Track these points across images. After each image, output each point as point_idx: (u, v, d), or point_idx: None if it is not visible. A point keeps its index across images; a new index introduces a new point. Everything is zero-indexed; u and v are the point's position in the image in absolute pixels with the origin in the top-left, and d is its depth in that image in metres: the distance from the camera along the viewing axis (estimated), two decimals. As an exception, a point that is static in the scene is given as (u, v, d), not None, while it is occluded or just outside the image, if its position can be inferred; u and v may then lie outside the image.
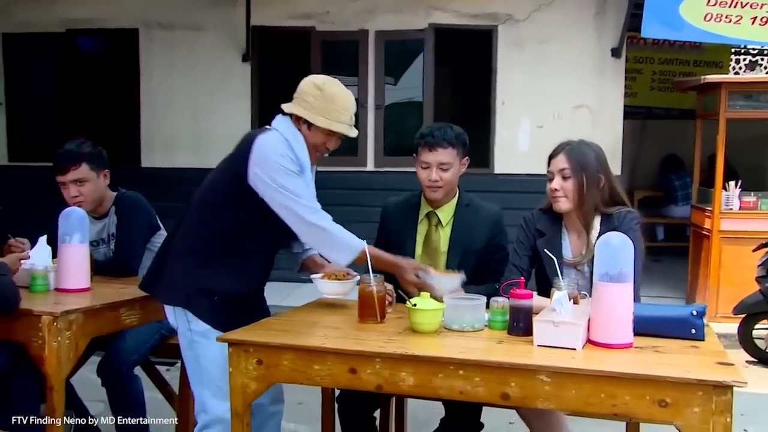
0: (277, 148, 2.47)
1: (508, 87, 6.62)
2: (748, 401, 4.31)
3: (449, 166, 2.78)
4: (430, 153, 2.78)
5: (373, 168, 6.85)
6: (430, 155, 2.78)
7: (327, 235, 2.47)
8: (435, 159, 2.77)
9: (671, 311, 2.34)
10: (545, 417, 2.54)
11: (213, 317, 2.46)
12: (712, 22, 5.57)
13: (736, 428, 3.93)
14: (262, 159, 2.45)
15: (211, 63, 7.08)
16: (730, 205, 5.73)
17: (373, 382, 2.12)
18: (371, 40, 6.80)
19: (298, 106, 2.53)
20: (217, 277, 2.48)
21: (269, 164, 2.43)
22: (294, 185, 2.45)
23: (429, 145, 2.78)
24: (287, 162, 2.45)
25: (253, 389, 2.22)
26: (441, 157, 2.77)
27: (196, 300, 2.47)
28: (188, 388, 3.17)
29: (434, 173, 2.78)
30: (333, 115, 2.51)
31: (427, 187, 2.83)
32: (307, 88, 2.55)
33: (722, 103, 5.65)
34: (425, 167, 2.81)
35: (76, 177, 3.15)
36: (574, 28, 6.51)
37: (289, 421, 3.89)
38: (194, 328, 2.50)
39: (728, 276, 5.63)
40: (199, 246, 2.53)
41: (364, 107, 6.81)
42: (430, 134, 2.79)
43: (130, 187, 3.47)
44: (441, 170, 2.78)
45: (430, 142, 2.77)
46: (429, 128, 2.84)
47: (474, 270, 2.80)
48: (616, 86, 6.47)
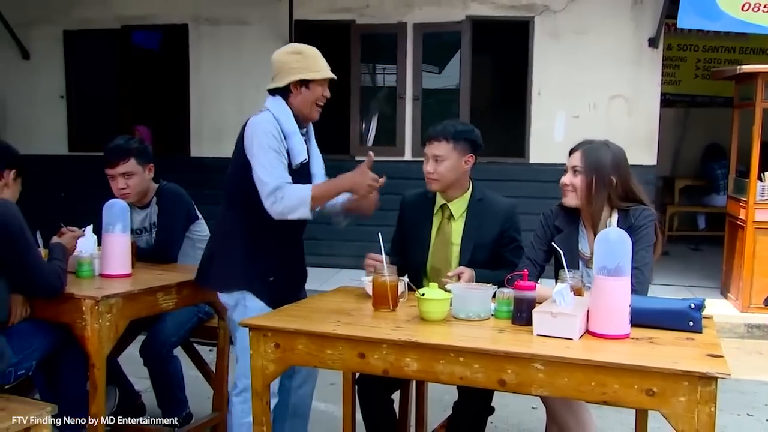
0: (265, 126, 2.73)
1: (544, 77, 6.65)
2: (774, 393, 4.35)
3: (443, 158, 2.91)
4: (428, 146, 2.96)
5: (410, 158, 6.98)
6: (428, 148, 2.97)
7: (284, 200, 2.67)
8: (430, 152, 2.94)
9: (670, 304, 2.40)
10: (567, 401, 2.62)
11: (270, 296, 2.81)
12: (750, 11, 5.49)
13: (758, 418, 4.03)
14: (249, 136, 2.76)
15: (256, 56, 7.29)
16: (766, 195, 5.66)
17: (380, 367, 2.27)
18: (409, 33, 6.90)
19: (289, 76, 2.80)
20: (269, 260, 2.83)
21: (255, 138, 2.72)
22: (267, 159, 2.69)
23: (428, 139, 2.98)
24: (269, 139, 2.71)
25: (271, 371, 2.41)
26: (435, 150, 2.92)
27: (255, 282, 2.81)
28: (224, 366, 3.43)
29: (429, 165, 2.94)
30: (320, 65, 2.85)
31: (426, 179, 2.99)
32: (285, 59, 2.84)
33: (759, 92, 5.57)
34: (426, 160, 2.98)
35: (125, 170, 3.38)
36: (611, 18, 6.48)
37: (320, 401, 4.12)
38: (249, 305, 2.79)
39: (762, 267, 5.58)
40: (244, 234, 2.84)
41: (402, 98, 6.94)
42: (433, 128, 2.98)
43: (180, 176, 3.69)
44: (435, 162, 2.93)
45: (428, 135, 2.98)
46: (436, 123, 3.02)
47: (487, 262, 2.94)
48: (652, 76, 6.43)
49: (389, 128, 7.11)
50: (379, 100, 7.52)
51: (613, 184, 2.69)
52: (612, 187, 2.69)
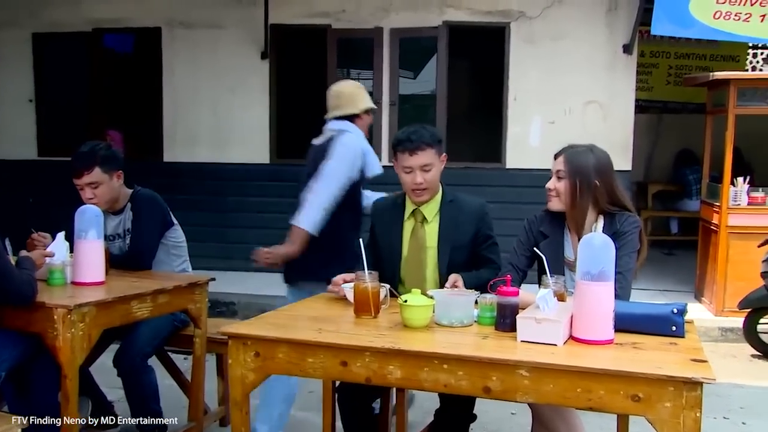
0: (354, 150, 3.43)
1: (520, 83, 6.68)
2: (749, 394, 4.40)
3: (431, 166, 2.87)
4: (411, 157, 2.85)
5: (387, 162, 6.92)
6: (412, 159, 2.85)
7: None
8: (417, 162, 2.85)
9: (653, 309, 2.40)
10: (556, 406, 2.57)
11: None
12: (722, 19, 5.58)
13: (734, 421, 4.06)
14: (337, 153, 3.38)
15: (231, 60, 7.24)
16: (738, 200, 5.73)
17: (363, 375, 2.23)
18: (386, 38, 6.89)
19: (361, 104, 3.56)
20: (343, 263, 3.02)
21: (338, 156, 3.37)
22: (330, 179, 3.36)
23: (409, 150, 2.84)
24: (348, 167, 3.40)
25: (251, 380, 2.36)
26: (422, 160, 2.85)
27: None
28: (201, 376, 3.36)
29: (419, 176, 2.86)
30: (368, 97, 3.64)
31: (413, 191, 2.91)
32: (354, 90, 3.63)
33: (731, 99, 5.65)
34: (408, 171, 2.87)
35: (90, 180, 3.29)
36: (586, 24, 6.54)
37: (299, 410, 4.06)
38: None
39: (735, 271, 5.65)
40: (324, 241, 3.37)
41: (378, 104, 6.91)
42: (407, 139, 2.85)
43: (153, 181, 3.61)
44: (424, 172, 2.87)
45: (409, 147, 2.84)
46: (405, 133, 2.90)
47: (466, 263, 2.92)
48: (627, 82, 6.49)
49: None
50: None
51: (596, 188, 2.68)
52: (596, 192, 2.68)
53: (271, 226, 7.26)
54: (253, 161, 7.26)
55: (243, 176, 7.26)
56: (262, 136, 7.24)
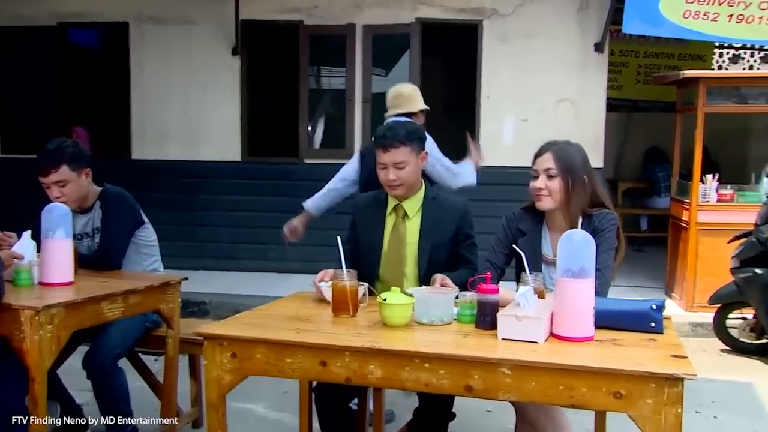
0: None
1: (493, 81, 6.68)
2: (720, 389, 4.45)
3: (405, 164, 2.87)
4: (385, 154, 2.87)
5: (358, 159, 6.91)
6: (385, 156, 2.87)
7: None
8: (390, 159, 2.86)
9: (631, 305, 2.40)
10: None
11: None
12: (691, 19, 5.64)
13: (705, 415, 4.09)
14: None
15: (202, 56, 7.13)
16: (708, 197, 5.81)
17: (343, 375, 2.20)
18: (358, 34, 6.84)
19: (418, 104, 4.12)
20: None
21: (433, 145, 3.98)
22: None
23: (383, 147, 2.87)
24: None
25: (227, 381, 2.31)
26: (395, 157, 2.86)
27: None
28: (173, 377, 3.29)
29: (391, 173, 2.87)
30: (422, 99, 4.17)
31: (388, 187, 2.93)
32: (413, 92, 4.16)
33: (700, 97, 5.73)
34: (383, 168, 2.90)
35: (57, 179, 3.19)
36: (558, 23, 6.56)
37: (273, 410, 4.01)
38: None
39: (705, 267, 5.72)
40: None
41: (351, 100, 6.88)
42: (383, 136, 2.89)
43: (121, 179, 3.52)
44: (397, 169, 2.87)
45: (384, 143, 2.87)
46: (381, 130, 2.93)
47: (445, 261, 2.91)
48: (598, 81, 6.53)
49: (338, 131, 7.03)
50: (328, 102, 7.45)
51: (586, 183, 2.67)
52: (585, 188, 2.67)
53: (243, 224, 7.23)
54: (224, 159, 7.16)
55: (214, 174, 7.16)
56: (233, 134, 7.15)
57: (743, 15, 5.62)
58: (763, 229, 4.64)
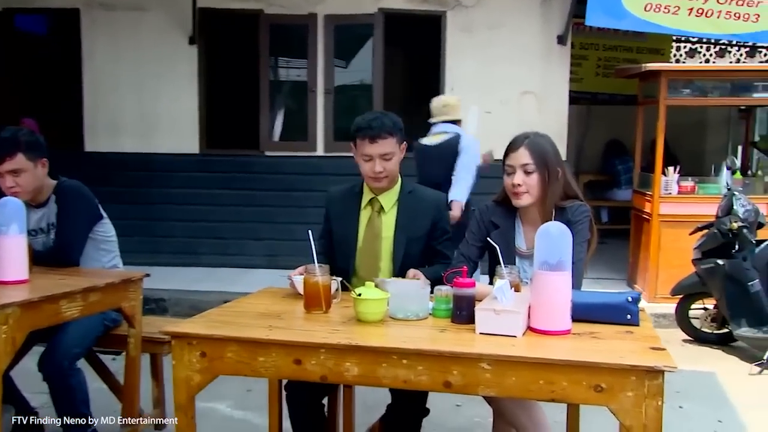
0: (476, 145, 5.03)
1: (456, 72, 6.65)
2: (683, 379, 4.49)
3: (391, 155, 2.80)
4: (372, 145, 2.77)
5: (323, 153, 6.82)
6: (372, 147, 2.77)
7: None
8: (377, 151, 2.77)
9: (608, 298, 2.39)
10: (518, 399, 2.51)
11: None
12: (652, 12, 5.69)
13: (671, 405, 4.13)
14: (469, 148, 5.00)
15: (157, 45, 6.92)
16: (669, 189, 5.89)
17: (318, 373, 2.13)
18: (320, 24, 6.73)
19: (459, 113, 5.23)
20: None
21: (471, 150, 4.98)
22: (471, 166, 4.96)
23: (370, 137, 2.77)
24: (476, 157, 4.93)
25: (197, 382, 2.21)
26: (383, 148, 2.78)
27: None
28: (135, 378, 3.16)
29: (378, 165, 2.78)
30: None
31: (372, 179, 2.83)
32: (452, 102, 5.27)
33: (662, 90, 5.79)
34: (368, 159, 2.80)
35: (12, 167, 3.05)
36: (521, 14, 6.56)
37: (238, 409, 3.91)
38: None
39: (667, 258, 5.80)
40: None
41: (313, 92, 6.77)
42: (368, 126, 2.77)
43: (73, 172, 3.37)
44: (384, 161, 2.79)
45: (370, 134, 2.76)
46: (365, 120, 2.81)
47: (420, 255, 2.85)
48: (561, 73, 6.56)
49: (300, 123, 6.91)
50: (289, 94, 7.31)
51: (560, 175, 2.64)
52: (560, 181, 2.64)
53: (202, 218, 7.06)
54: (181, 151, 6.98)
55: (170, 167, 6.98)
56: (190, 125, 6.97)
57: (703, 9, 5.69)
58: (724, 221, 4.70)
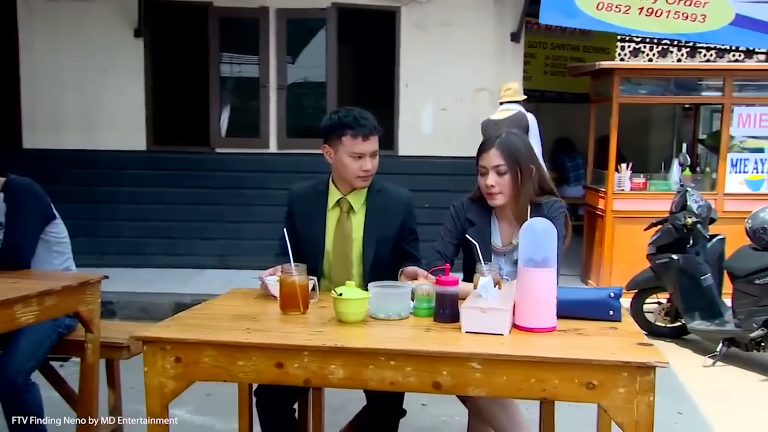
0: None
1: (411, 69, 6.60)
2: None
3: (377, 152, 2.73)
4: (365, 143, 2.67)
5: (276, 150, 6.67)
6: (365, 145, 2.67)
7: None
8: (370, 148, 2.69)
9: (589, 294, 2.40)
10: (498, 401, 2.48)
11: None
12: (604, 11, 5.78)
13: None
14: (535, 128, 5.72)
15: (100, 37, 6.64)
16: (622, 186, 5.99)
17: (301, 376, 2.04)
18: (272, 18, 6.57)
19: (522, 95, 5.90)
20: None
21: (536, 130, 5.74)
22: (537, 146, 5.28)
23: (363, 135, 2.66)
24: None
25: (171, 389, 2.09)
26: (375, 146, 2.70)
27: None
28: (91, 384, 2.99)
29: (369, 163, 2.69)
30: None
31: (361, 178, 2.73)
32: (515, 86, 5.95)
33: (615, 88, 5.88)
34: (358, 157, 2.69)
35: None
36: (475, 11, 6.55)
37: (196, 414, 3.77)
38: None
39: (621, 253, 5.90)
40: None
41: (265, 87, 6.61)
42: (358, 123, 2.67)
43: (10, 170, 3.17)
44: (373, 158, 2.71)
45: (364, 132, 2.66)
46: (352, 116, 2.70)
47: (390, 257, 2.77)
48: (515, 70, 6.58)
49: (252, 119, 6.74)
50: (241, 89, 7.12)
51: (533, 173, 2.63)
52: (533, 177, 2.62)
53: (150, 218, 6.81)
54: (127, 148, 6.72)
55: (116, 164, 6.71)
56: (137, 121, 6.71)
57: (653, 8, 5.81)
58: (679, 216, 4.79)
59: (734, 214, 5.56)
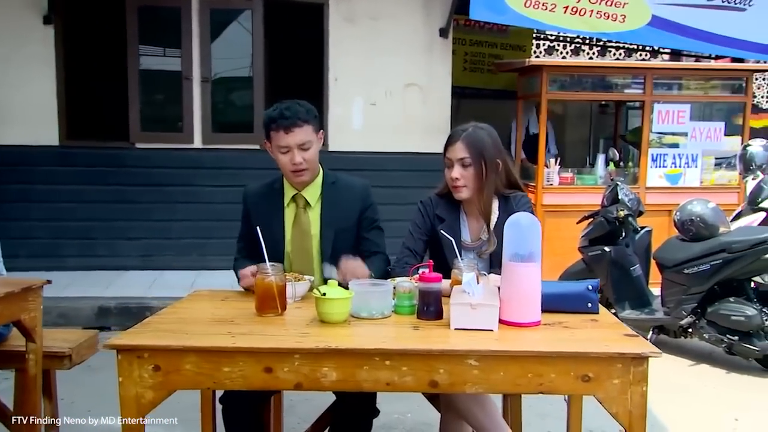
0: None
1: (340, 63, 6.50)
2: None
3: (310, 144, 2.63)
4: (287, 135, 2.59)
5: (201, 145, 6.41)
6: (288, 137, 2.59)
7: None
8: (294, 140, 2.59)
9: (568, 287, 2.41)
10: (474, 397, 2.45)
11: None
12: (531, 8, 5.89)
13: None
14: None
15: (5, 24, 6.17)
16: (551, 180, 6.14)
17: (292, 381, 1.95)
18: (195, 8, 6.30)
19: None
20: None
21: None
22: None
23: (284, 127, 2.58)
24: None
25: (149, 399, 1.95)
26: (300, 137, 2.60)
27: None
28: (35, 398, 2.76)
29: (297, 156, 2.60)
30: None
31: (293, 173, 2.65)
32: None
33: (544, 84, 6.02)
34: (285, 151, 2.61)
35: None
36: (404, 5, 6.51)
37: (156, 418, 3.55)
38: None
39: (551, 247, 6.02)
40: None
41: (188, 80, 6.34)
42: (281, 116, 2.58)
43: None
44: (303, 150, 2.61)
45: (285, 124, 2.57)
46: (277, 109, 2.62)
47: (351, 249, 2.69)
48: (444, 65, 6.59)
49: (175, 113, 6.45)
50: (162, 82, 6.79)
51: (500, 167, 2.64)
52: (499, 172, 2.64)
53: (65, 217, 6.39)
54: (37, 143, 6.26)
55: (25, 161, 6.25)
56: (47, 114, 6.27)
57: (576, 8, 5.97)
58: (611, 210, 4.95)
59: (655, 206, 5.81)
